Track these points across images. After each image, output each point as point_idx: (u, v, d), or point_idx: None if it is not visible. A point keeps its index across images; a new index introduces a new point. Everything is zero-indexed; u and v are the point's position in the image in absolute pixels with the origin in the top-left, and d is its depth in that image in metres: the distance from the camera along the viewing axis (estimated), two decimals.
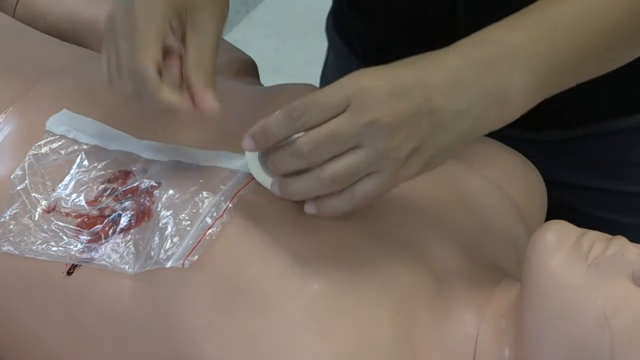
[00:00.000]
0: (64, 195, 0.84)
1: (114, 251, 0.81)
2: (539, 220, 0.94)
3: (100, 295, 0.80)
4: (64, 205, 0.84)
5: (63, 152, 0.87)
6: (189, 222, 0.79)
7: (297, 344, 0.73)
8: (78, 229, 0.82)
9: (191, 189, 0.81)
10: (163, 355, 0.76)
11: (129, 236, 0.81)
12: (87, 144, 0.87)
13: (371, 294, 0.76)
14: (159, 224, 0.80)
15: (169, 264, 0.77)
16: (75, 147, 0.87)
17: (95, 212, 0.83)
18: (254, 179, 0.79)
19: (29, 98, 0.91)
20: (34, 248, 0.82)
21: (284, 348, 0.73)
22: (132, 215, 0.82)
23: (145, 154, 0.85)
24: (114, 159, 0.86)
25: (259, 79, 1.08)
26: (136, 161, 0.85)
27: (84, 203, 0.84)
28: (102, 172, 0.85)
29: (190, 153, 0.84)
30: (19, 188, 0.85)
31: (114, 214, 0.82)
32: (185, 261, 0.77)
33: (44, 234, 0.83)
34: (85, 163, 0.86)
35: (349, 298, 0.75)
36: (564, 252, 0.72)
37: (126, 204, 0.83)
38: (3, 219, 0.84)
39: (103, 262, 0.80)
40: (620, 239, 0.73)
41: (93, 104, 0.90)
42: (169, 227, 0.79)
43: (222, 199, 0.80)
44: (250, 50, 1.00)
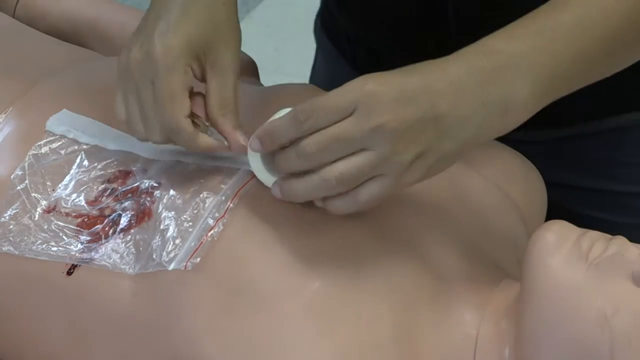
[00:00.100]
0: (64, 195, 0.84)
1: (114, 251, 0.81)
2: (539, 220, 0.94)
3: (100, 296, 0.80)
4: (64, 205, 0.84)
5: (63, 152, 0.87)
6: (190, 224, 0.79)
7: (298, 344, 0.73)
8: (78, 229, 0.82)
9: (192, 189, 0.81)
10: (163, 355, 0.76)
11: (129, 236, 0.81)
12: (87, 144, 0.87)
13: (371, 293, 0.76)
14: (160, 225, 0.80)
15: (171, 267, 0.77)
16: (75, 147, 0.87)
17: (95, 212, 0.83)
18: (255, 176, 0.79)
19: (29, 98, 0.91)
20: (34, 248, 0.82)
21: (285, 348, 0.73)
22: (132, 216, 0.82)
23: (145, 154, 0.85)
24: (114, 159, 0.86)
25: (259, 79, 1.08)
26: (136, 161, 0.85)
27: (84, 203, 0.84)
28: (102, 172, 0.85)
29: (190, 153, 0.84)
30: (19, 188, 0.85)
31: (114, 214, 0.82)
32: (188, 263, 0.77)
33: (44, 234, 0.83)
34: (85, 163, 0.86)
35: (349, 298, 0.75)
36: (564, 252, 0.72)
37: (126, 204, 0.83)
38: (3, 219, 0.84)
39: (103, 263, 0.80)
40: (620, 239, 0.73)
41: (93, 103, 0.90)
42: (171, 229, 0.79)
43: (224, 198, 0.80)
44: (250, 50, 1.00)
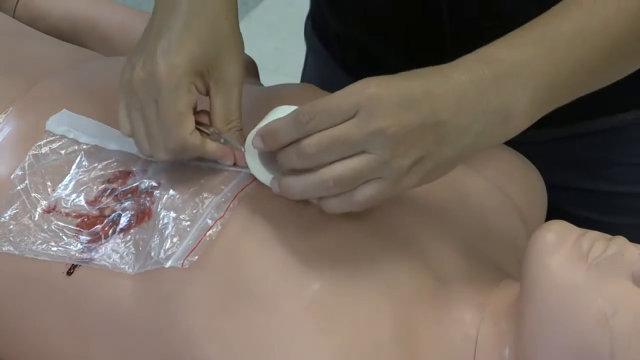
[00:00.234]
0: (64, 195, 0.84)
1: (114, 251, 0.81)
2: (539, 220, 0.94)
3: (100, 296, 0.80)
4: (64, 205, 0.84)
5: (63, 152, 0.87)
6: (189, 223, 0.79)
7: (297, 344, 0.73)
8: (78, 229, 0.82)
9: (191, 190, 0.81)
10: (163, 355, 0.76)
11: (129, 236, 0.81)
12: (87, 144, 0.87)
13: (371, 293, 0.76)
14: (159, 225, 0.80)
15: (168, 264, 0.77)
16: (75, 147, 0.87)
17: (95, 212, 0.83)
18: (255, 180, 0.79)
19: (29, 98, 0.91)
20: (34, 248, 0.82)
21: (284, 348, 0.73)
22: (132, 216, 0.82)
23: None
24: (114, 159, 0.86)
25: (259, 79, 1.08)
26: (136, 161, 0.85)
27: (83, 203, 0.84)
28: (102, 172, 0.85)
29: None
30: (19, 188, 0.85)
31: (114, 214, 0.82)
32: (185, 261, 0.77)
33: (44, 234, 0.83)
34: (85, 163, 0.86)
35: (349, 298, 0.75)
36: (564, 252, 0.72)
37: (126, 204, 0.83)
38: (3, 219, 0.84)
39: (103, 262, 0.80)
40: (620, 239, 0.73)
41: (93, 104, 0.90)
42: (169, 228, 0.79)
43: (223, 199, 0.80)
44: (250, 50, 1.00)
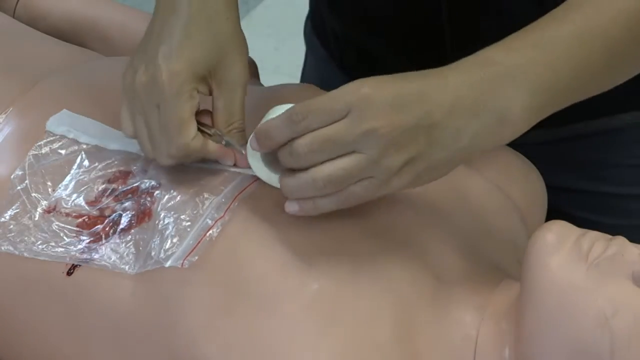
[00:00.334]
0: (64, 195, 0.84)
1: (114, 251, 0.81)
2: (539, 220, 0.94)
3: (100, 296, 0.80)
4: (64, 205, 0.84)
5: (63, 152, 0.87)
6: (189, 223, 0.79)
7: (297, 344, 0.73)
8: (78, 229, 0.82)
9: (192, 190, 0.81)
10: (163, 355, 0.76)
11: (129, 236, 0.81)
12: (87, 144, 0.87)
13: (371, 294, 0.76)
14: (159, 225, 0.80)
15: (168, 264, 0.77)
16: (76, 147, 0.87)
17: (95, 213, 0.83)
18: (256, 181, 0.79)
19: (29, 98, 0.91)
20: (34, 248, 0.82)
21: (284, 348, 0.73)
22: (133, 216, 0.82)
23: None
24: (114, 159, 0.86)
25: (259, 79, 1.08)
26: (136, 161, 0.85)
27: (84, 203, 0.84)
28: (103, 173, 0.85)
29: None
30: (19, 188, 0.85)
31: (114, 214, 0.82)
32: (185, 261, 0.77)
33: (44, 234, 0.83)
34: (86, 163, 0.86)
35: (349, 298, 0.75)
36: (564, 253, 0.72)
37: (126, 204, 0.83)
38: (3, 219, 0.84)
39: (103, 263, 0.80)
40: (620, 239, 0.73)
41: (93, 104, 0.90)
42: (170, 228, 0.79)
43: (223, 200, 0.80)
44: (250, 50, 1.00)
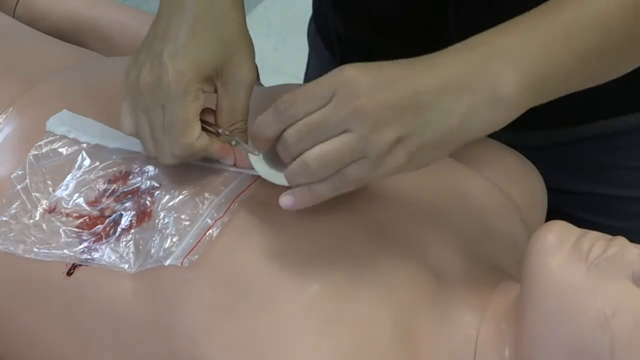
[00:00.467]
0: (64, 195, 0.84)
1: (114, 251, 0.81)
2: (539, 220, 0.95)
3: (101, 296, 0.80)
4: (65, 205, 0.84)
5: (64, 152, 0.87)
6: (189, 222, 0.79)
7: (297, 344, 0.73)
8: (79, 230, 0.82)
9: (192, 190, 0.81)
10: (163, 354, 0.76)
11: (129, 236, 0.81)
12: (88, 144, 0.87)
13: (371, 294, 0.76)
14: (159, 225, 0.80)
15: (167, 262, 0.77)
16: (76, 147, 0.87)
17: (95, 213, 0.83)
18: (256, 181, 0.79)
19: (29, 98, 0.91)
20: (34, 248, 0.82)
21: (284, 348, 0.73)
22: (133, 216, 0.82)
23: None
24: (114, 160, 0.86)
25: (259, 78, 1.08)
26: (137, 161, 0.85)
27: (84, 203, 0.84)
28: (103, 173, 0.85)
29: None
30: (19, 187, 0.85)
31: (115, 214, 0.82)
32: (185, 260, 0.77)
33: (44, 234, 0.83)
34: (86, 163, 0.86)
35: (348, 298, 0.75)
36: (564, 253, 0.72)
37: (127, 204, 0.83)
38: (3, 218, 0.84)
39: (103, 262, 0.80)
40: (620, 239, 0.73)
41: (93, 104, 0.90)
42: (169, 227, 0.79)
43: (224, 200, 0.80)
44: None
